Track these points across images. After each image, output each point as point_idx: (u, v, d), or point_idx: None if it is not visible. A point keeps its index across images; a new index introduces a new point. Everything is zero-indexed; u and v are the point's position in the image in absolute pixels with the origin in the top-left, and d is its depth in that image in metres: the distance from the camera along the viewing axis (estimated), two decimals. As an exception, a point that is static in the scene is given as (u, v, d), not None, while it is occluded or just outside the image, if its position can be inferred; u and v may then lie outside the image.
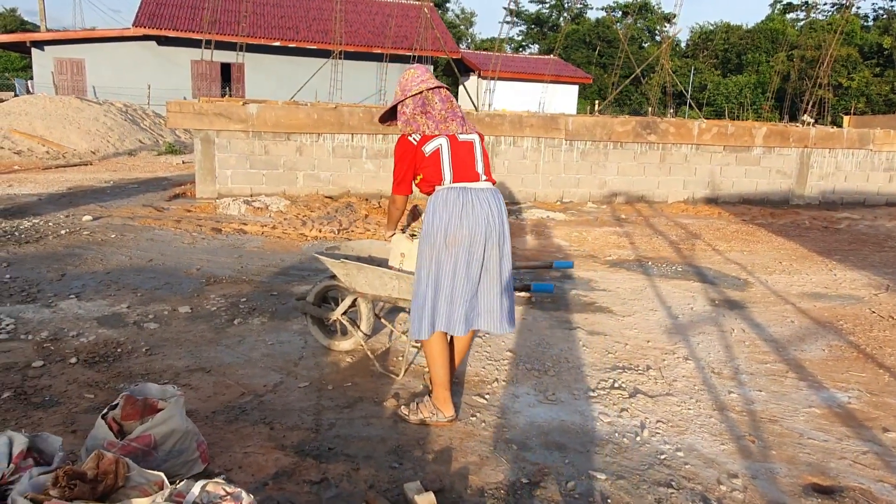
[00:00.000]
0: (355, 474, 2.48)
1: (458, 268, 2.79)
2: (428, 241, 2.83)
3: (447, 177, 2.84)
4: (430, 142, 2.84)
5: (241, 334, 3.91)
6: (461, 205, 2.80)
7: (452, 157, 2.85)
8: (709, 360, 3.80)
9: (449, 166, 2.84)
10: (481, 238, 2.79)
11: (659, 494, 2.43)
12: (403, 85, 2.91)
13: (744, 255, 6.83)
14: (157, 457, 2.27)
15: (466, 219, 2.78)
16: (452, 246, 2.78)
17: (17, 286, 4.58)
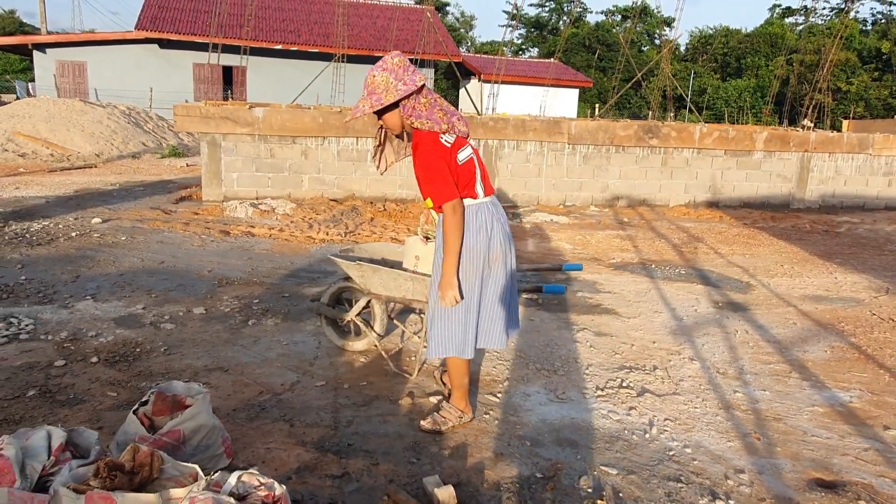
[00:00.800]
0: (375, 469, 2.57)
1: (500, 284, 2.75)
2: (472, 262, 2.67)
3: (480, 191, 2.70)
4: (462, 149, 2.65)
5: (255, 335, 3.99)
6: (494, 220, 2.71)
7: (481, 167, 2.73)
8: (714, 361, 3.89)
9: (480, 179, 2.70)
10: (510, 251, 2.80)
11: (669, 488, 2.51)
12: (398, 74, 2.53)
13: (746, 258, 6.93)
14: (185, 451, 2.35)
15: (499, 234, 2.72)
16: (495, 263, 2.72)
17: (32, 287, 4.66)
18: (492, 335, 2.79)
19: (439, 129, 2.57)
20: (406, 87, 2.52)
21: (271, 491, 1.85)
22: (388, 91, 2.52)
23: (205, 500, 1.71)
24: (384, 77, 2.53)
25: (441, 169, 2.55)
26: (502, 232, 2.74)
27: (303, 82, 19.72)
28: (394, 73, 2.52)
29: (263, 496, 1.83)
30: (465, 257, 2.66)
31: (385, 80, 2.53)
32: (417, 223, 3.60)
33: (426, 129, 2.58)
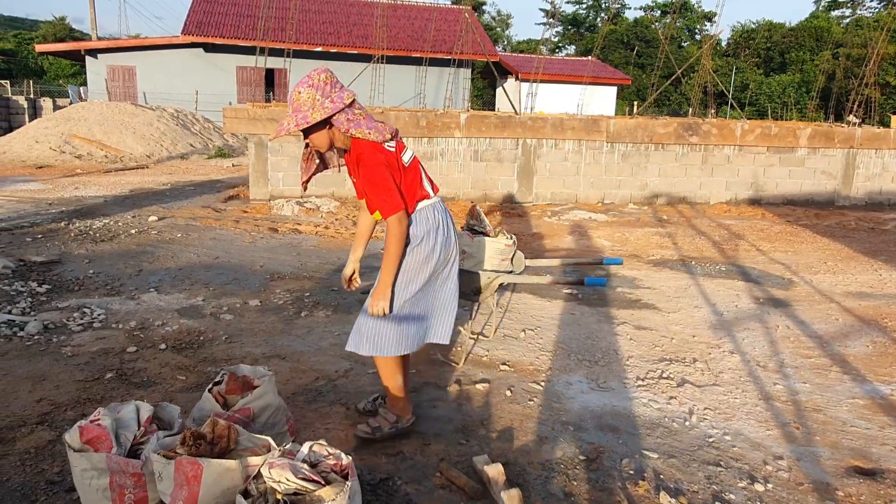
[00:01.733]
0: (427, 449, 2.74)
1: (453, 279, 2.76)
2: (426, 261, 2.63)
3: (430, 190, 2.67)
4: (404, 152, 2.61)
5: (308, 326, 4.21)
6: (448, 218, 2.73)
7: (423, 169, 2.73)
8: (754, 355, 3.95)
9: (426, 179, 2.69)
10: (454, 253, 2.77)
11: (708, 472, 2.62)
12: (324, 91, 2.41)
13: (788, 255, 6.90)
14: (254, 428, 2.55)
15: (453, 231, 2.74)
16: (451, 260, 2.74)
17: (100, 280, 4.98)
18: (443, 330, 2.76)
19: (382, 139, 2.49)
20: (333, 105, 2.40)
21: (339, 460, 2.03)
22: (314, 108, 2.39)
23: (282, 465, 1.90)
24: (309, 94, 2.40)
25: (387, 178, 2.47)
26: (453, 228, 2.76)
27: (342, 83, 20.04)
28: (320, 90, 2.40)
29: (332, 464, 2.01)
30: (425, 256, 2.61)
31: (311, 97, 2.40)
32: (465, 219, 3.75)
33: (369, 139, 2.47)
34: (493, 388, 3.35)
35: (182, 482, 1.97)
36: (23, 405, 2.94)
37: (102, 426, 2.14)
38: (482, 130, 9.66)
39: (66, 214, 7.53)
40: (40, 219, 7.21)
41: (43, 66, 43.37)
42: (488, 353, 3.82)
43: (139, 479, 2.09)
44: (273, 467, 1.89)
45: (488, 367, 3.64)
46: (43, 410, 2.90)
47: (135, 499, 2.10)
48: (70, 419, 2.83)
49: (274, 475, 1.88)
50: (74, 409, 2.93)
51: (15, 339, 3.72)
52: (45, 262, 5.31)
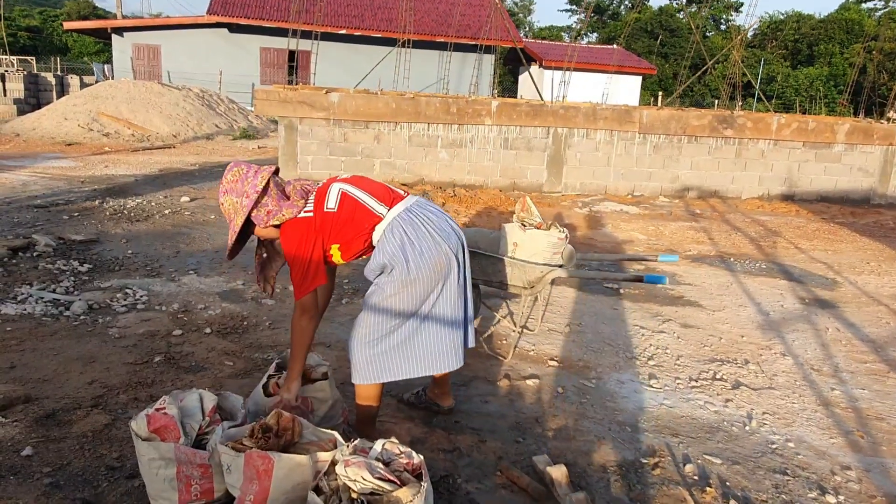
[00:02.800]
0: (483, 446, 2.68)
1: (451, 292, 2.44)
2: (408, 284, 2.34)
3: (382, 209, 2.35)
4: (328, 191, 2.35)
5: (350, 313, 4.16)
6: (420, 223, 2.36)
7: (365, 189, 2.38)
8: (807, 358, 3.85)
9: (374, 199, 2.36)
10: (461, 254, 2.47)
11: (776, 480, 2.54)
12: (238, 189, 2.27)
13: (828, 254, 6.75)
14: (312, 420, 2.52)
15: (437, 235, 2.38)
16: (440, 271, 2.37)
17: (139, 261, 4.97)
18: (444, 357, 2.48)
19: (297, 209, 2.32)
20: (250, 200, 2.26)
21: (410, 459, 1.98)
22: (237, 213, 2.29)
23: (358, 463, 1.85)
24: (229, 200, 2.30)
25: (304, 253, 2.29)
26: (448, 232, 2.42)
27: (365, 67, 19.95)
28: (234, 192, 2.28)
29: (405, 463, 1.96)
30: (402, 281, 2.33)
31: (231, 203, 2.30)
32: (516, 211, 3.67)
33: (286, 219, 2.32)
34: (543, 384, 3.29)
35: (252, 476, 1.93)
36: (76, 387, 2.93)
37: (169, 415, 2.10)
38: (513, 118, 9.53)
39: (99, 193, 7.54)
40: (74, 196, 7.22)
41: (67, 44, 43.58)
42: (535, 348, 3.75)
43: (206, 471, 2.06)
44: (349, 465, 1.85)
45: (536, 362, 3.58)
46: (96, 393, 2.88)
47: (201, 490, 2.07)
48: (123, 403, 2.82)
49: (350, 474, 1.83)
50: (126, 393, 2.91)
51: (62, 318, 3.71)
52: (84, 241, 5.31)
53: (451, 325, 2.47)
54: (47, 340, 3.42)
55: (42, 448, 2.43)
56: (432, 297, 2.41)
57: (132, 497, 2.18)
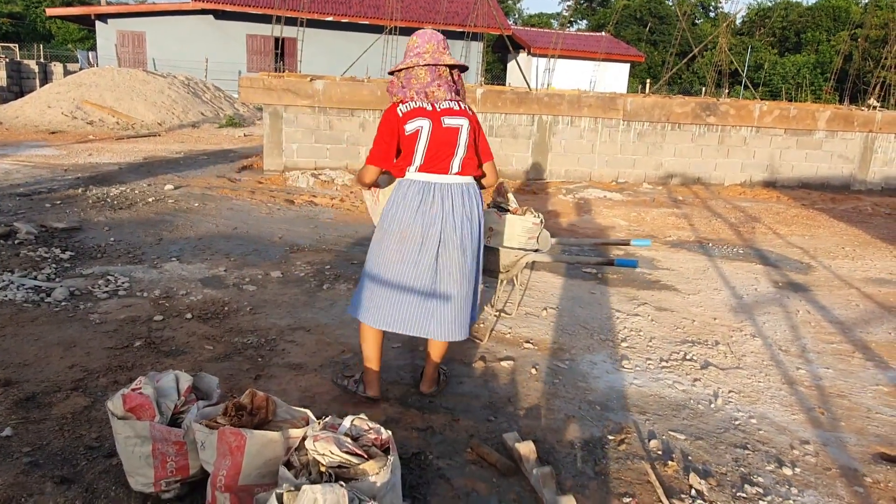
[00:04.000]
0: (456, 424, 2.76)
1: (405, 267, 2.68)
2: (384, 229, 2.71)
3: (416, 163, 2.66)
4: (413, 120, 2.63)
5: (331, 298, 4.22)
6: (419, 201, 2.64)
7: (430, 143, 2.64)
8: (776, 339, 3.96)
9: (422, 153, 2.64)
10: (435, 239, 2.66)
11: (736, 454, 2.64)
12: (406, 51, 2.72)
13: (805, 239, 6.87)
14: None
15: (421, 216, 2.64)
16: (404, 242, 2.66)
17: (122, 248, 5.00)
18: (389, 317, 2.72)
19: (398, 99, 2.71)
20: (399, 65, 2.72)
21: (379, 435, 2.05)
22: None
23: (326, 438, 1.92)
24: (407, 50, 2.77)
25: (380, 133, 2.67)
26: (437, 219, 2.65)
27: (353, 54, 19.81)
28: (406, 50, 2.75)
29: (373, 438, 2.03)
30: (387, 227, 2.70)
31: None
32: (492, 196, 3.74)
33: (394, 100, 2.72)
34: (517, 365, 3.37)
35: (225, 452, 1.99)
36: (56, 371, 2.98)
37: (145, 395, 2.16)
38: (498, 106, 9.57)
39: (83, 181, 7.53)
40: (57, 185, 7.21)
41: (51, 31, 42.96)
42: (511, 331, 3.83)
43: (181, 448, 2.12)
44: (318, 440, 1.91)
45: (512, 344, 3.66)
46: (76, 377, 2.93)
47: (176, 466, 2.13)
48: (103, 386, 2.87)
49: (318, 448, 1.90)
50: (107, 376, 2.96)
51: (43, 304, 3.75)
52: (66, 229, 5.32)
53: (405, 292, 2.71)
54: (28, 326, 3.46)
55: (22, 429, 2.48)
56: (397, 262, 2.70)
57: (110, 475, 2.24)
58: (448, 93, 2.71)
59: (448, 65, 2.70)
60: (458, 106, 2.71)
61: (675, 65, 15.89)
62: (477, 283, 2.87)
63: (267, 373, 3.11)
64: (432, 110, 2.66)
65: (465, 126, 2.69)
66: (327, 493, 1.66)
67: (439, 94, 2.68)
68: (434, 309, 2.72)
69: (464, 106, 2.74)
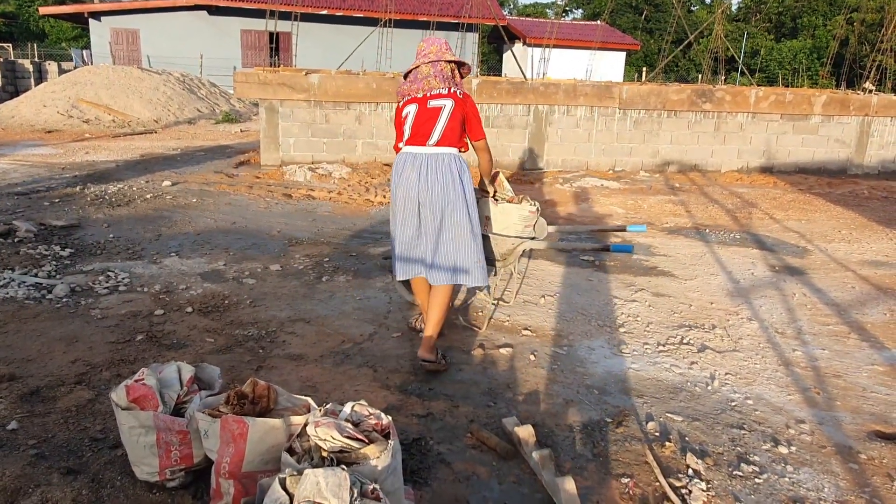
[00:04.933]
0: (456, 410, 2.80)
1: (399, 228, 3.19)
2: (393, 199, 3.23)
3: (404, 139, 3.16)
4: (406, 107, 3.13)
5: (330, 290, 4.25)
6: (401, 168, 3.12)
7: (415, 121, 3.09)
8: (772, 321, 3.99)
9: (408, 130, 3.12)
10: (414, 201, 3.09)
11: (732, 434, 2.68)
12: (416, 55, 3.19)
13: (802, 223, 6.90)
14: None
15: (402, 183, 3.11)
16: (396, 206, 3.18)
17: (121, 245, 5.02)
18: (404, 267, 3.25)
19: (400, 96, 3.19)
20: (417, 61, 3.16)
21: (379, 420, 2.08)
22: None
23: (327, 424, 1.95)
24: None
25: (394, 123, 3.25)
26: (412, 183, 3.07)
27: (348, 47, 19.76)
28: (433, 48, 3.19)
29: (374, 424, 2.06)
30: (391, 196, 3.23)
31: None
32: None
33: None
34: (516, 352, 3.41)
35: (228, 440, 2.02)
36: (59, 365, 3.01)
37: (148, 385, 2.19)
38: (493, 96, 9.57)
39: (80, 179, 7.54)
40: (55, 183, 7.22)
41: (44, 29, 42.78)
42: (510, 319, 3.86)
43: (185, 437, 2.16)
44: (319, 426, 1.94)
45: (510, 332, 3.69)
46: (79, 371, 2.96)
47: (180, 455, 2.16)
48: (106, 379, 2.90)
49: (320, 433, 1.93)
50: (109, 370, 2.99)
51: (44, 301, 3.77)
52: (65, 227, 5.34)
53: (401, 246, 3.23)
54: (30, 322, 3.48)
55: (27, 422, 2.51)
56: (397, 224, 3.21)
57: (115, 465, 2.28)
58: (442, 82, 3.10)
59: (448, 60, 3.11)
60: (446, 91, 3.09)
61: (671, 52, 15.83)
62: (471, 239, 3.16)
63: (268, 364, 3.14)
64: (422, 97, 3.09)
65: (448, 105, 3.07)
66: (329, 476, 1.69)
67: (434, 83, 3.10)
68: (426, 258, 3.17)
69: (454, 90, 3.11)
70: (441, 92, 3.08)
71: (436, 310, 3.21)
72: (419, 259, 3.20)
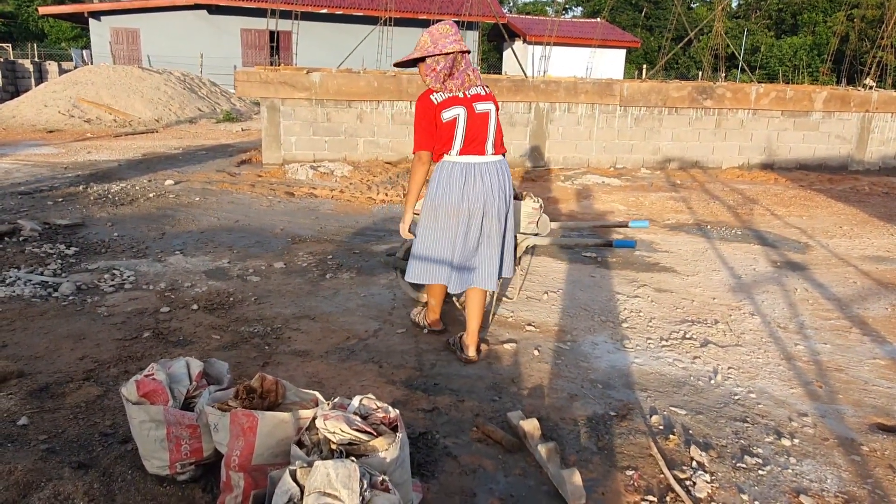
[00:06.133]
0: (461, 405, 2.82)
1: (457, 237, 3.05)
2: (432, 205, 3.04)
3: (455, 148, 2.96)
4: (449, 109, 2.91)
5: (334, 287, 4.28)
6: (464, 181, 2.97)
7: (467, 128, 2.94)
8: (774, 316, 4.01)
9: (461, 138, 2.94)
10: (479, 212, 3.01)
11: (736, 427, 2.70)
12: (436, 38, 2.89)
13: (803, 219, 6.91)
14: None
15: (467, 195, 2.97)
16: (454, 217, 3.01)
17: (125, 243, 5.04)
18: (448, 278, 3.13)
19: (432, 87, 2.95)
20: (433, 49, 2.89)
21: (387, 413, 2.11)
22: (419, 49, 2.94)
23: (336, 417, 1.97)
24: (425, 38, 2.94)
25: (423, 121, 2.94)
26: (471, 192, 2.98)
27: (348, 46, 19.77)
28: (432, 37, 2.91)
29: (381, 417, 2.08)
30: (437, 205, 3.04)
31: (424, 41, 2.93)
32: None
33: (427, 85, 2.97)
34: (520, 347, 3.43)
35: (238, 433, 2.05)
36: (67, 362, 3.03)
37: (158, 380, 2.21)
38: (494, 94, 9.57)
39: (83, 178, 7.56)
40: (58, 182, 7.25)
41: (44, 29, 42.77)
42: (513, 315, 3.89)
43: (195, 431, 2.18)
44: (328, 419, 1.97)
45: (514, 327, 3.71)
46: (87, 367, 2.98)
47: (190, 449, 2.19)
48: (114, 376, 2.93)
49: (329, 426, 1.95)
50: (117, 367, 3.01)
51: (51, 299, 3.80)
52: (69, 225, 5.37)
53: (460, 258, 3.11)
54: (37, 320, 3.51)
55: (37, 418, 2.54)
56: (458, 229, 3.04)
57: (126, 460, 2.30)
58: (477, 78, 3.00)
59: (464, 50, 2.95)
60: (483, 91, 3.01)
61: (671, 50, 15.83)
62: (511, 243, 3.24)
63: (274, 360, 3.17)
64: (464, 97, 2.94)
65: (493, 111, 3.02)
66: (339, 467, 1.71)
67: (472, 77, 2.96)
68: (478, 265, 3.14)
69: (488, 90, 3.05)
70: (480, 93, 2.97)
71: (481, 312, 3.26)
72: (476, 268, 3.14)
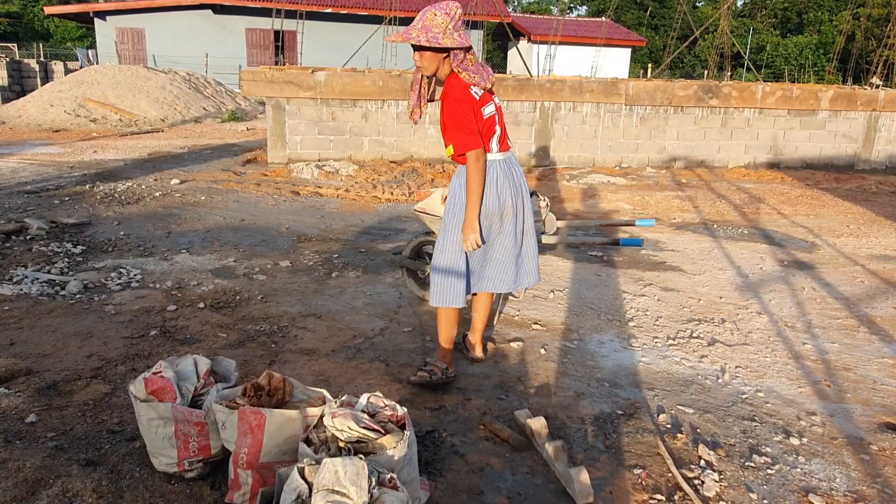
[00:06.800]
0: (468, 403, 2.82)
1: (509, 236, 2.88)
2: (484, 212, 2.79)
3: (495, 146, 2.80)
4: (487, 105, 2.75)
5: (340, 286, 4.28)
6: (504, 177, 2.81)
7: (501, 122, 2.83)
8: (781, 315, 4.00)
9: (498, 136, 2.80)
10: (521, 206, 2.89)
11: (744, 426, 2.69)
12: (456, 24, 2.63)
13: (810, 218, 6.89)
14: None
15: (512, 189, 2.83)
16: (508, 216, 2.85)
17: (132, 242, 5.05)
18: (500, 280, 2.94)
19: (473, 82, 2.69)
20: (461, 40, 2.62)
21: (395, 411, 2.11)
22: (445, 34, 2.59)
23: (344, 415, 1.97)
24: (444, 20, 2.59)
25: (468, 116, 2.65)
26: (512, 188, 2.84)
27: (353, 45, 19.79)
28: (453, 22, 2.61)
29: (389, 415, 2.08)
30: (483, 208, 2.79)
31: (444, 24, 2.59)
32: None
33: (463, 79, 2.69)
34: (526, 346, 3.42)
35: (246, 431, 2.05)
36: (74, 360, 3.04)
37: (166, 378, 2.22)
38: (499, 93, 9.56)
39: (89, 177, 7.58)
40: (64, 182, 7.27)
41: (49, 29, 42.91)
42: (520, 314, 3.88)
43: (203, 429, 2.18)
44: (336, 417, 1.97)
45: (521, 326, 3.70)
46: (95, 365, 2.99)
47: (199, 446, 2.19)
48: (121, 373, 2.93)
49: (337, 424, 1.95)
50: (125, 364, 3.02)
51: (58, 297, 3.81)
52: (76, 224, 5.38)
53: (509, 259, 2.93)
54: (45, 318, 3.52)
55: (45, 415, 2.55)
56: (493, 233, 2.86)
57: (134, 457, 2.31)
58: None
59: None
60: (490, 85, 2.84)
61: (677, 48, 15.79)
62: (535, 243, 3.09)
63: (280, 358, 3.17)
64: (486, 95, 2.78)
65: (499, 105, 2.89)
66: (347, 465, 1.71)
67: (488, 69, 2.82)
68: (522, 263, 3.00)
69: None
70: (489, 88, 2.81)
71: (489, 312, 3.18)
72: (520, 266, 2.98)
